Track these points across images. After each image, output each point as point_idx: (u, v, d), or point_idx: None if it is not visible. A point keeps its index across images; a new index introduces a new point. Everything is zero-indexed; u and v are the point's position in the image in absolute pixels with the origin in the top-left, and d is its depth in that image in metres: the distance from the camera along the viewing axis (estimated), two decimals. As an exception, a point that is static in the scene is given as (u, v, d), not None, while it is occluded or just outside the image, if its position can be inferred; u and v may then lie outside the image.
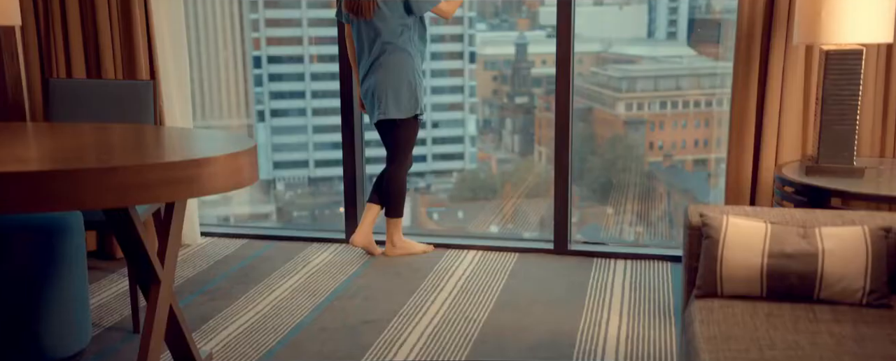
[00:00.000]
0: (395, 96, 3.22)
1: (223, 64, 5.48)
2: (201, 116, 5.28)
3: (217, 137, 2.43)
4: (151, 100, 3.05)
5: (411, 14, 3.18)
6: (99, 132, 2.58)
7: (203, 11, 4.94)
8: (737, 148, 3.04)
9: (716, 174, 6.01)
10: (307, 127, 6.29)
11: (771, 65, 2.91)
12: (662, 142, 6.04)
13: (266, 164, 6.16)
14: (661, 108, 6.04)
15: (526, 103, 6.67)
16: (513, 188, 6.51)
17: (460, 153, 6.69)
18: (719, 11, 6.22)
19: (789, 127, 2.91)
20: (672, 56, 6.26)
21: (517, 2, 6.68)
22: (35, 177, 1.71)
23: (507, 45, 6.62)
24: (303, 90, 6.19)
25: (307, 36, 5.93)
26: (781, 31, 2.89)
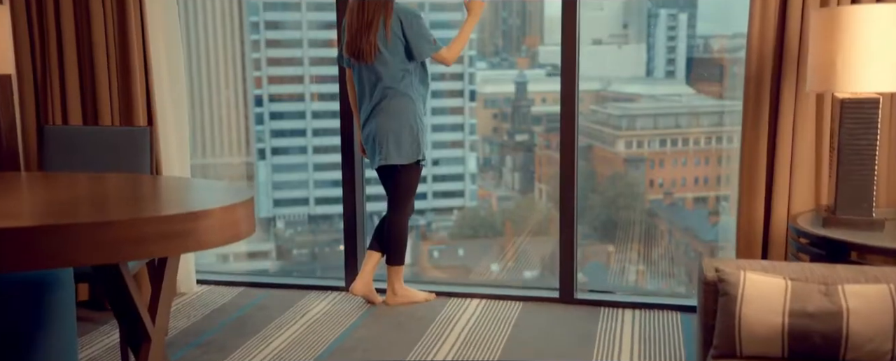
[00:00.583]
0: (396, 141, 3.09)
1: (224, 102, 5.42)
2: (202, 154, 5.19)
3: (213, 188, 2.36)
4: (148, 146, 2.93)
5: (412, 59, 3.07)
6: (93, 182, 2.48)
7: (205, 51, 4.88)
8: (748, 197, 2.91)
9: (717, 212, 5.91)
10: (308, 164, 6.22)
11: (781, 111, 2.79)
12: (663, 180, 5.95)
13: (266, 202, 6.06)
14: (661, 146, 5.95)
15: (526, 141, 6.58)
16: (514, 226, 6.40)
17: (461, 190, 6.59)
18: (717, 51, 6.17)
19: (802, 176, 2.78)
20: (671, 94, 6.19)
21: (517, 40, 6.61)
22: (27, 233, 1.64)
23: (507, 84, 6.54)
24: (304, 128, 6.12)
25: (308, 75, 5.88)
26: (791, 76, 2.77)
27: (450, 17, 6.41)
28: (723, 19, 6.13)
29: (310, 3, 5.72)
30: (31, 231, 1.65)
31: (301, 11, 5.85)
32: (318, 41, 5.67)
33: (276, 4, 5.86)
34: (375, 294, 3.58)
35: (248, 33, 5.44)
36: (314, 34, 5.71)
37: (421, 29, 3.07)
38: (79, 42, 3.18)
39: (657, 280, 5.64)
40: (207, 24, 4.92)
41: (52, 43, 3.18)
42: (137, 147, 2.94)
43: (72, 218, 1.74)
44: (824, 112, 2.77)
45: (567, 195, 3.31)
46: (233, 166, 5.83)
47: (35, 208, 1.97)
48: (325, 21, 5.56)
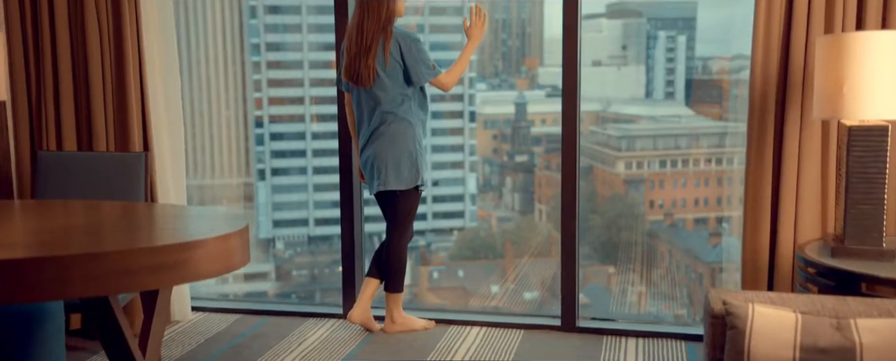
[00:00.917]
0: (395, 167, 3.01)
1: (225, 123, 5.36)
2: (202, 175, 5.13)
3: (208, 216, 2.31)
4: (143, 172, 2.85)
5: (411, 84, 2.99)
6: (87, 210, 2.42)
7: (206, 73, 4.83)
8: (752, 225, 2.83)
9: (717, 233, 5.83)
10: (307, 185, 6.17)
11: (786, 138, 2.71)
12: (663, 201, 5.88)
13: (265, 223, 6.00)
14: (661, 167, 5.89)
15: (526, 162, 6.52)
16: (514, 247, 6.32)
17: (460, 211, 6.52)
18: (716, 72, 6.12)
19: (808, 203, 2.70)
20: (670, 115, 6.14)
21: (516, 62, 6.56)
22: (19, 266, 1.60)
23: (507, 105, 6.49)
24: (304, 149, 6.08)
25: (309, 96, 5.85)
26: (796, 102, 2.70)
27: (450, 39, 6.36)
28: (721, 41, 6.09)
29: (311, 25, 5.70)
30: (23, 263, 1.61)
31: (302, 33, 5.82)
32: (319, 62, 5.64)
33: (277, 26, 5.84)
34: (374, 321, 3.48)
35: (249, 55, 5.40)
36: (315, 55, 5.69)
37: (420, 53, 2.99)
38: (74, 67, 3.12)
39: (658, 302, 5.56)
40: (209, 46, 4.88)
41: (48, 68, 3.11)
42: (132, 173, 2.86)
43: (65, 249, 1.72)
44: (830, 138, 2.69)
45: (568, 220, 3.23)
46: (232, 187, 5.78)
47: (28, 238, 1.92)
48: (325, 43, 5.51)
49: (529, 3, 6.45)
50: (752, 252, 2.82)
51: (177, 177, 3.26)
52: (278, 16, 5.79)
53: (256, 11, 5.58)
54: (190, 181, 4.85)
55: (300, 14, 5.79)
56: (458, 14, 6.45)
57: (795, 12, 2.66)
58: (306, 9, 5.70)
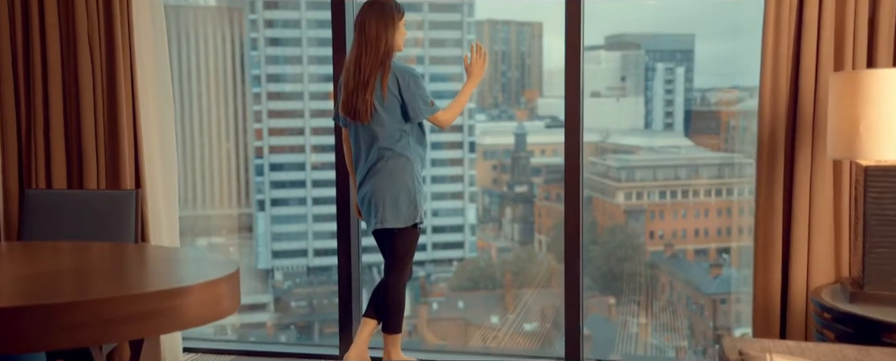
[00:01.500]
0: (393, 204, 2.85)
1: (225, 154, 5.26)
2: (201, 206, 5.01)
3: (198, 260, 2.19)
4: (133, 210, 2.71)
5: (409, 120, 2.85)
6: (75, 253, 2.30)
7: (206, 104, 4.74)
8: (763, 267, 2.68)
9: (718, 264, 5.71)
10: (307, 216, 6.08)
11: (797, 177, 2.57)
12: (663, 232, 5.78)
13: (264, 254, 5.89)
14: (661, 198, 5.79)
15: (526, 192, 6.42)
16: (514, 277, 6.20)
17: (460, 242, 6.41)
18: (715, 104, 6.04)
19: (820, 245, 2.55)
20: (669, 146, 6.05)
21: (516, 93, 6.48)
22: (2, 315, 1.53)
23: (507, 135, 6.40)
24: (303, 179, 6.00)
25: (309, 127, 5.78)
26: (806, 139, 2.56)
27: (449, 71, 6.28)
28: (719, 73, 6.02)
29: (311, 57, 5.64)
30: (6, 312, 1.53)
31: (302, 65, 5.77)
32: (319, 94, 5.60)
33: (277, 58, 5.79)
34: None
35: (249, 86, 5.33)
36: (315, 87, 5.64)
37: (418, 89, 2.85)
38: (65, 102, 2.98)
39: (659, 333, 5.43)
40: (209, 78, 4.80)
41: (38, 102, 2.98)
42: (123, 211, 2.72)
43: (51, 296, 1.67)
44: (842, 177, 2.55)
45: (572, 254, 3.09)
46: (231, 218, 5.69)
47: (13, 285, 1.82)
48: (326, 74, 5.44)
49: (529, 35, 6.37)
50: (763, 293, 2.67)
51: (170, 215, 3.11)
52: (279, 48, 5.73)
53: (257, 43, 5.53)
54: (188, 212, 4.74)
55: (301, 46, 5.73)
56: (457, 46, 6.39)
57: (804, 48, 2.54)
58: (307, 41, 5.65)
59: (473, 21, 6.22)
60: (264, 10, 5.72)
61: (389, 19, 2.87)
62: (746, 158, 5.77)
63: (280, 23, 5.77)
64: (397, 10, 2.91)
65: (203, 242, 5.13)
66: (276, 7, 5.81)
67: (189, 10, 4.81)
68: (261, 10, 5.72)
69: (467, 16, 6.17)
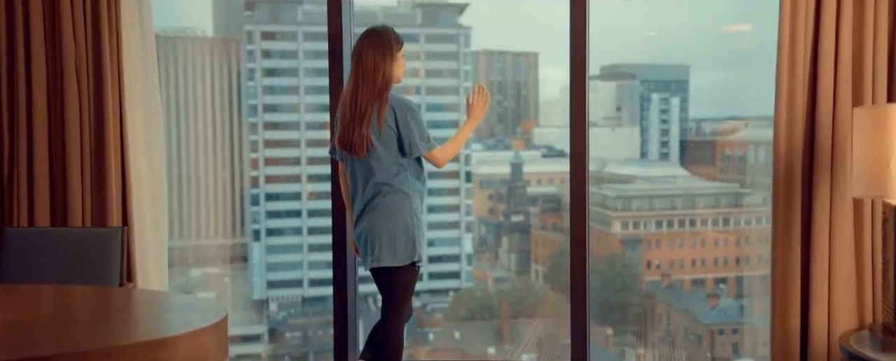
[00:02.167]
0: (390, 242, 2.64)
1: (220, 183, 5.12)
2: (195, 235, 4.87)
3: (185, 306, 2.09)
4: (119, 249, 2.51)
5: (405, 155, 2.65)
6: (57, 297, 2.15)
7: (203, 133, 4.61)
8: (782, 309, 2.47)
9: (715, 295, 5.58)
10: (302, 245, 5.94)
11: (816, 216, 2.38)
12: (660, 262, 5.66)
13: (259, 284, 5.74)
14: (658, 227, 5.68)
15: (522, 222, 6.27)
16: (510, 307, 6.05)
17: (456, 272, 6.26)
18: (710, 134, 5.93)
19: (842, 287, 2.35)
20: (665, 176, 5.95)
21: (513, 123, 6.35)
22: None
23: (503, 165, 6.27)
24: (299, 209, 5.87)
25: (305, 156, 5.67)
26: (825, 177, 2.37)
27: (446, 101, 6.14)
28: (714, 103, 5.92)
29: (308, 87, 5.57)
30: None
31: (299, 95, 5.69)
32: (316, 124, 5.53)
33: (274, 88, 5.69)
34: (367, 406, 3.09)
35: (246, 116, 5.23)
36: (312, 117, 5.56)
37: (415, 123, 2.65)
38: (50, 134, 2.77)
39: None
40: (205, 108, 4.68)
41: (22, 135, 2.77)
42: (108, 250, 2.52)
43: (31, 348, 1.60)
44: (864, 215, 2.36)
45: (579, 290, 2.87)
46: (226, 247, 5.55)
47: None
48: (322, 104, 5.35)
49: (525, 65, 6.24)
50: (782, 336, 2.47)
51: (158, 253, 2.90)
52: (276, 78, 5.63)
53: (254, 74, 5.43)
54: (182, 242, 4.61)
55: (298, 76, 5.64)
56: (454, 76, 6.26)
57: (820, 79, 2.36)
58: (303, 71, 5.56)
59: (469, 52, 6.11)
60: (262, 41, 5.66)
61: (387, 50, 2.69)
62: (743, 188, 5.66)
63: (277, 53, 5.69)
64: (396, 40, 2.74)
65: (197, 273, 4.98)
66: (274, 38, 5.75)
67: (186, 40, 4.72)
68: (258, 40, 5.65)
69: (463, 46, 6.05)
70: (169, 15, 4.47)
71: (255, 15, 5.68)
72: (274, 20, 5.73)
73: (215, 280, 5.46)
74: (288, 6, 5.75)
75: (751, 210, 5.55)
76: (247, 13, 5.61)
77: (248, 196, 5.47)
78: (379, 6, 6.10)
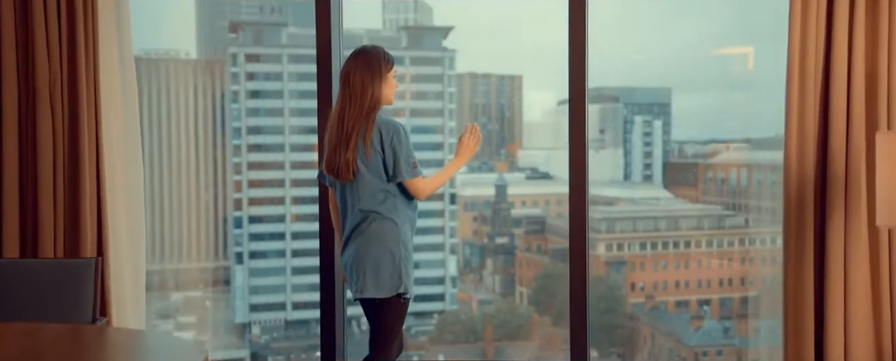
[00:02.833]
0: (374, 271, 2.38)
1: (203, 206, 4.90)
2: (177, 259, 4.63)
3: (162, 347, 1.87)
4: (93, 282, 2.26)
5: (391, 180, 2.41)
6: (24, 338, 1.91)
7: (185, 155, 4.41)
8: (795, 344, 2.27)
9: (699, 316, 5.46)
10: (286, 268, 5.74)
11: (830, 244, 2.19)
12: (644, 284, 5.53)
13: (242, 307, 5.52)
14: (642, 249, 5.56)
15: (506, 244, 6.12)
16: (495, 330, 5.87)
17: (441, 294, 6.07)
18: (692, 156, 5.83)
19: (859, 321, 2.16)
20: (649, 198, 5.84)
21: (497, 145, 6.20)
22: None
23: (487, 187, 6.12)
24: (283, 231, 5.67)
25: (289, 178, 5.49)
26: (838, 204, 2.19)
27: (431, 123, 5.97)
28: (695, 126, 5.83)
29: (293, 109, 5.41)
30: None
31: (284, 117, 5.52)
32: (299, 146, 5.38)
33: (258, 110, 5.52)
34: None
35: (230, 138, 5.04)
36: (296, 138, 5.41)
37: (401, 146, 2.40)
38: (21, 160, 2.52)
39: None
40: (188, 130, 4.48)
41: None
42: (81, 282, 2.27)
43: None
44: (880, 245, 2.18)
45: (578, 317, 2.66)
46: (208, 271, 5.33)
47: None
48: (307, 126, 5.20)
49: (509, 88, 6.10)
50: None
51: (136, 285, 2.64)
52: (260, 100, 5.44)
53: (238, 96, 5.25)
54: (163, 265, 4.41)
55: (282, 98, 5.47)
56: (438, 99, 6.11)
57: (833, 103, 2.18)
58: (288, 93, 5.39)
59: (454, 74, 5.96)
60: (246, 63, 5.50)
61: (376, 71, 2.47)
62: (725, 210, 5.56)
63: (261, 75, 5.53)
64: (386, 60, 2.52)
65: (178, 297, 4.78)
66: (258, 60, 5.60)
67: (170, 63, 4.55)
68: (242, 62, 5.50)
69: (448, 69, 5.91)
70: (152, 37, 4.29)
71: (240, 37, 5.53)
72: (258, 42, 5.59)
73: (197, 303, 5.24)
74: (272, 28, 5.61)
75: (733, 232, 5.44)
76: (231, 35, 5.47)
77: (230, 218, 5.29)
78: (364, 29, 5.93)
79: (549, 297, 5.97)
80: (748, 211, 5.51)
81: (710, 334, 5.50)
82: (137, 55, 3.23)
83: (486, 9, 5.78)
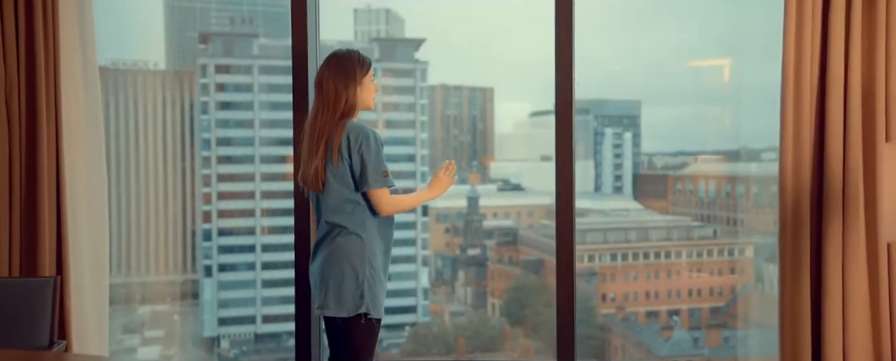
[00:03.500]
0: (336, 288, 2.07)
1: (172, 218, 4.67)
2: (144, 272, 4.40)
3: None
4: (50, 302, 2.04)
5: (358, 189, 2.14)
6: None
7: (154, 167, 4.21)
8: (792, 354, 2.14)
9: (669, 327, 5.38)
10: (256, 281, 5.52)
11: (827, 257, 2.07)
12: (615, 294, 5.42)
13: (210, 321, 5.29)
14: (612, 260, 5.46)
15: (478, 255, 5.97)
16: (467, 342, 5.71)
17: (413, 306, 5.89)
18: (661, 167, 5.76)
19: (857, 338, 2.03)
20: (619, 209, 5.75)
21: (468, 156, 6.06)
22: None
23: (459, 198, 5.98)
24: (253, 244, 5.46)
25: (259, 190, 5.28)
26: (836, 217, 2.06)
27: (404, 135, 5.81)
28: (664, 138, 5.77)
29: (263, 121, 5.21)
30: None
31: (254, 128, 5.31)
32: (270, 158, 5.19)
33: (228, 122, 5.29)
34: None
35: (199, 150, 4.82)
36: (266, 150, 5.22)
37: (369, 153, 2.10)
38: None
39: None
40: (157, 142, 4.28)
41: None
42: (38, 303, 2.04)
43: None
44: (879, 258, 2.06)
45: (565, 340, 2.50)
46: (175, 284, 5.09)
47: None
48: (278, 138, 4.99)
49: (481, 100, 5.98)
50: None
51: (98, 304, 2.39)
52: (230, 111, 5.23)
53: (208, 107, 5.03)
54: (131, 278, 4.21)
55: (253, 110, 5.26)
56: (410, 110, 5.96)
57: (829, 114, 2.06)
58: (259, 104, 5.19)
59: (426, 86, 5.82)
60: (216, 74, 5.28)
61: (349, 75, 2.17)
62: (693, 221, 5.50)
63: (232, 87, 5.31)
64: (360, 63, 2.22)
65: (145, 310, 4.54)
66: (228, 71, 5.39)
67: (138, 73, 4.34)
68: (212, 74, 5.28)
69: (420, 81, 5.76)
70: (120, 47, 4.08)
71: (210, 48, 5.32)
72: (228, 53, 5.39)
73: (164, 317, 5.00)
74: (243, 39, 5.42)
75: (702, 243, 5.38)
76: (201, 46, 5.26)
77: (199, 231, 5.07)
78: (335, 40, 5.76)
79: (521, 308, 5.83)
80: (716, 223, 5.46)
81: (679, 344, 5.41)
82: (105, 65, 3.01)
83: (459, 21, 5.65)
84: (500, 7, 5.31)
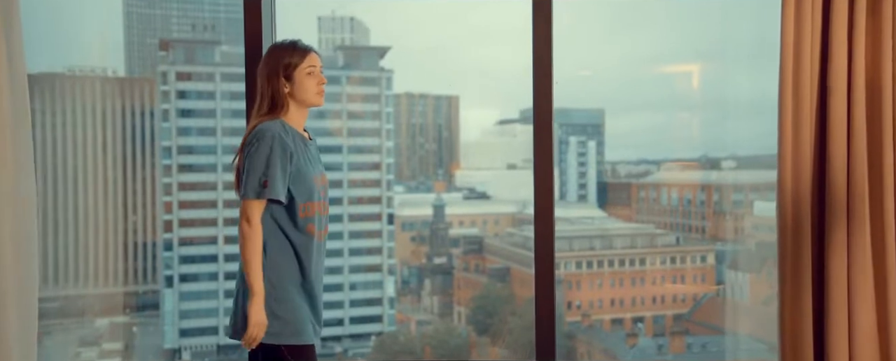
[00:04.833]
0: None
1: (131, 228, 4.53)
2: (103, 283, 4.27)
3: None
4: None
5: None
6: None
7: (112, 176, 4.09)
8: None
9: (634, 334, 5.32)
10: (218, 291, 5.34)
11: (831, 267, 1.92)
12: (580, 302, 5.35)
13: (171, 332, 5.10)
14: (577, 268, 5.38)
15: (444, 264, 5.86)
16: (433, 351, 5.58)
17: (379, 315, 5.75)
18: (625, 176, 5.72)
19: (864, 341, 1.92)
20: (584, 217, 5.68)
21: (434, 165, 5.95)
22: None
23: (425, 207, 5.86)
24: (215, 253, 5.28)
25: (222, 199, 5.11)
26: (840, 225, 1.91)
27: (368, 143, 5.69)
28: (628, 146, 5.74)
29: (225, 129, 5.04)
30: None
31: (216, 136, 5.14)
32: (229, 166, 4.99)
33: (189, 130, 5.12)
34: None
35: (159, 158, 4.65)
36: (229, 158, 5.05)
37: (256, 156, 1.58)
38: None
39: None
40: (115, 150, 4.15)
41: None
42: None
43: None
44: (888, 267, 1.94)
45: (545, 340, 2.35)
46: (135, 295, 4.92)
47: None
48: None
49: (446, 107, 5.87)
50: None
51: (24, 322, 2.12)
52: (191, 119, 5.06)
53: (169, 115, 4.85)
54: (86, 290, 4.06)
55: (215, 117, 5.09)
56: (376, 119, 5.84)
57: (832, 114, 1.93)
58: (221, 112, 5.03)
59: (391, 94, 5.70)
60: (177, 82, 5.10)
61: (273, 69, 1.65)
62: (657, 229, 5.45)
63: (193, 94, 5.14)
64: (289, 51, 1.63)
65: (103, 323, 4.36)
66: (190, 79, 5.21)
67: (96, 80, 4.18)
68: (173, 81, 5.10)
69: (385, 89, 5.65)
70: (75, 53, 3.94)
71: (170, 55, 5.14)
72: (190, 61, 5.21)
73: (123, 329, 4.82)
74: (205, 47, 5.25)
75: (666, 250, 5.33)
76: (161, 53, 5.08)
77: (160, 240, 4.89)
78: (300, 48, 5.60)
79: (487, 317, 5.73)
80: (678, 230, 5.42)
81: (644, 351, 5.35)
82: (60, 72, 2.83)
83: (424, 29, 5.56)
84: (466, 16, 5.23)
